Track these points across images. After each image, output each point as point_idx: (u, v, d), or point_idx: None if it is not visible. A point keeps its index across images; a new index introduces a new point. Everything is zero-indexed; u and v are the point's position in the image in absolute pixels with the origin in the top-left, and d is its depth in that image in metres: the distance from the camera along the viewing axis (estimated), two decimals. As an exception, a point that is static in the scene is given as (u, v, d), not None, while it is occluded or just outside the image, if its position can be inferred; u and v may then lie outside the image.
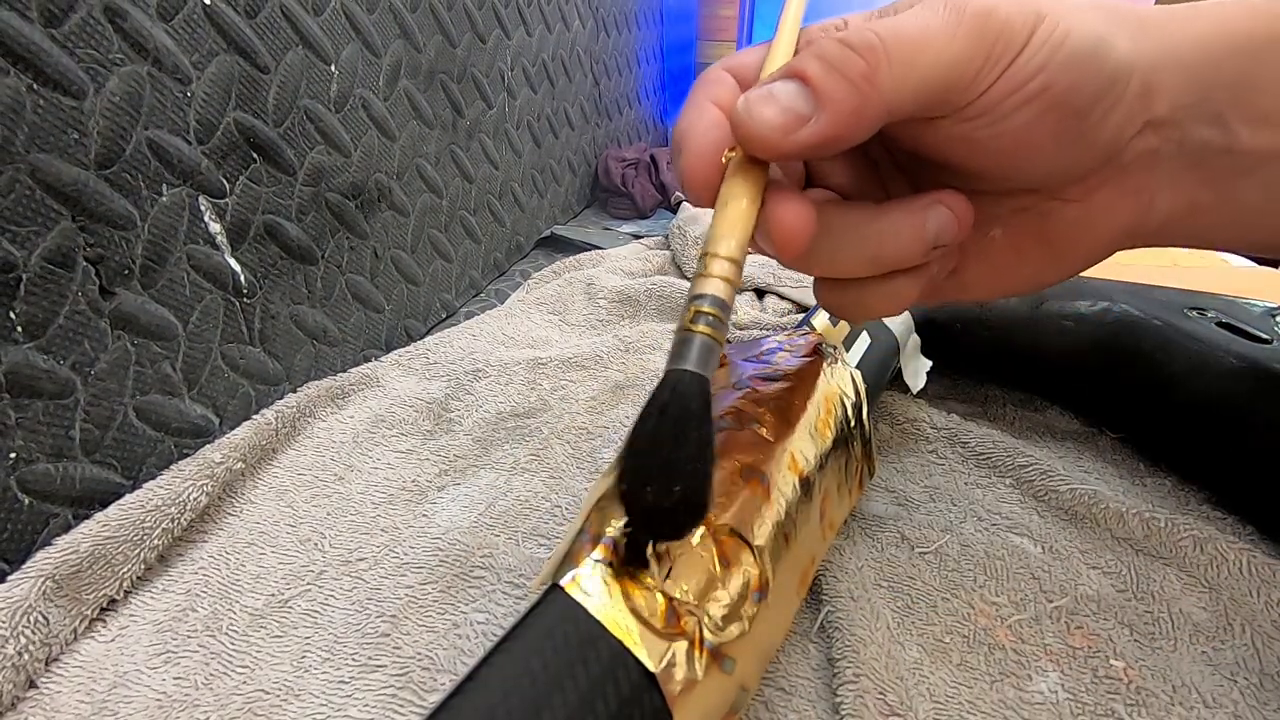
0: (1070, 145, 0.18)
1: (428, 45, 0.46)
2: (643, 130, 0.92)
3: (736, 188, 0.17)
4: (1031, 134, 0.18)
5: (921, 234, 0.19)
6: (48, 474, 0.25)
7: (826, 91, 0.16)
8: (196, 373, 0.31)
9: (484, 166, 0.55)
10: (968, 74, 0.17)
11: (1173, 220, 0.20)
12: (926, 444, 0.33)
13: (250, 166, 0.33)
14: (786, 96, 0.17)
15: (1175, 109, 0.18)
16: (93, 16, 0.26)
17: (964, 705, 0.21)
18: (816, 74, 0.16)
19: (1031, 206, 0.20)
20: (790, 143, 0.17)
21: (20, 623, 0.22)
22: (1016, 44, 0.17)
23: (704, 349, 0.16)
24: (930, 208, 0.19)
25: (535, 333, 0.46)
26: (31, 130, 0.24)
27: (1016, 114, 0.17)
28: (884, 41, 0.16)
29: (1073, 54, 0.17)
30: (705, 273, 0.17)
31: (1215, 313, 0.32)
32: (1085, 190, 0.20)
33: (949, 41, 0.17)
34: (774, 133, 0.17)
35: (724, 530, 0.19)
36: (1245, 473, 0.28)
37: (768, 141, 0.17)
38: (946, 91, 0.17)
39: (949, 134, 0.18)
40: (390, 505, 0.30)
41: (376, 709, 0.22)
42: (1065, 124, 0.18)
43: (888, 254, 0.19)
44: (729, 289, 0.16)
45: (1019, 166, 0.19)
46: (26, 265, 0.24)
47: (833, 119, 0.16)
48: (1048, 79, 0.17)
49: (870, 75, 0.16)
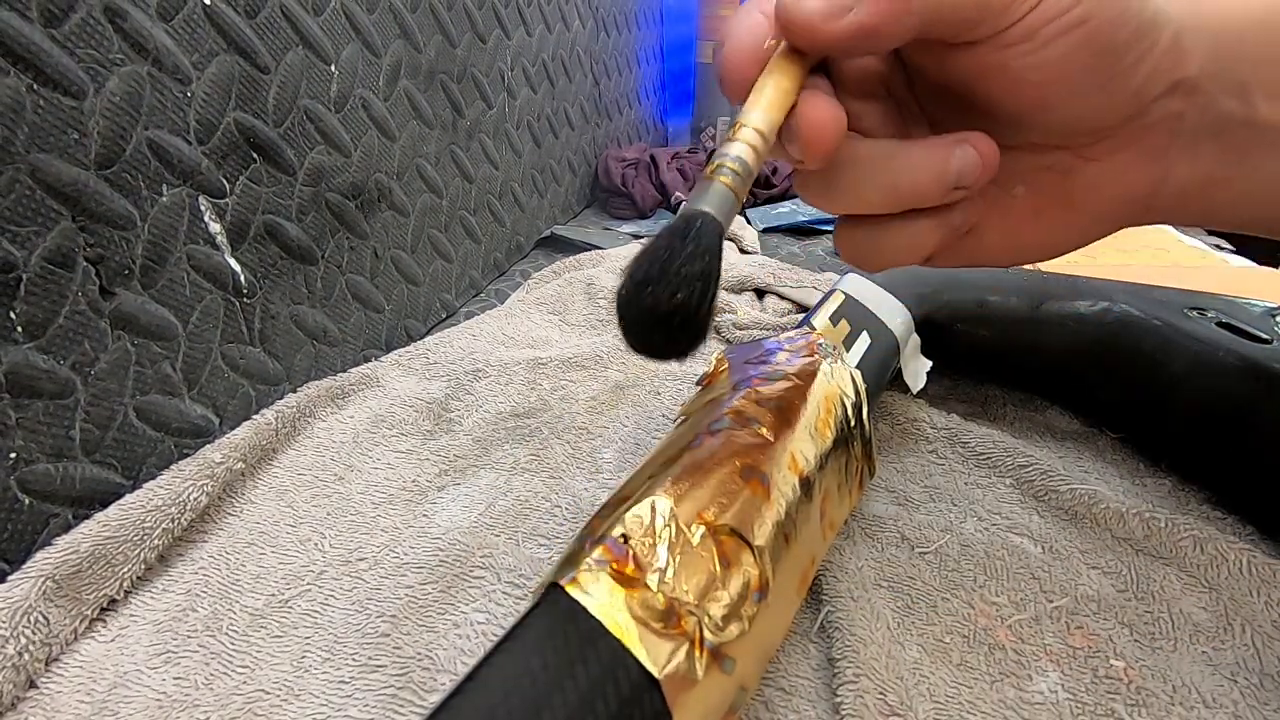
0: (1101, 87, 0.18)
1: (428, 45, 0.46)
2: (643, 130, 0.92)
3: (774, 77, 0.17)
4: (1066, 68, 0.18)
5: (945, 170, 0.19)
6: (48, 474, 0.25)
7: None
8: (196, 373, 0.31)
9: (484, 166, 0.55)
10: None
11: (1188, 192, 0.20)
12: (926, 444, 0.33)
13: (250, 166, 0.33)
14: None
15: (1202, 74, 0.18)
16: (93, 16, 0.26)
17: (964, 705, 0.21)
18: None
19: (1055, 164, 0.21)
20: (830, 29, 0.17)
21: (20, 623, 0.22)
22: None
23: (724, 197, 0.16)
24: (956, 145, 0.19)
25: (535, 333, 0.46)
26: (31, 130, 0.24)
27: (1053, 44, 0.17)
28: None
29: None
30: (734, 136, 0.17)
31: (1215, 313, 0.32)
32: (1109, 149, 0.20)
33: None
34: (815, 16, 0.17)
35: (724, 530, 0.19)
36: (1245, 473, 0.28)
37: (809, 26, 0.17)
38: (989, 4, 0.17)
39: (983, 61, 0.18)
40: (390, 505, 0.30)
41: (376, 709, 0.22)
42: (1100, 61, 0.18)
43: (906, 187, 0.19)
44: (754, 155, 0.17)
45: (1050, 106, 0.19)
46: (26, 265, 0.24)
47: (874, 7, 0.17)
48: (1088, 10, 0.17)
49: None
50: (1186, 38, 0.18)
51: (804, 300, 0.49)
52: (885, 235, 0.21)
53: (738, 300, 0.49)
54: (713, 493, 0.20)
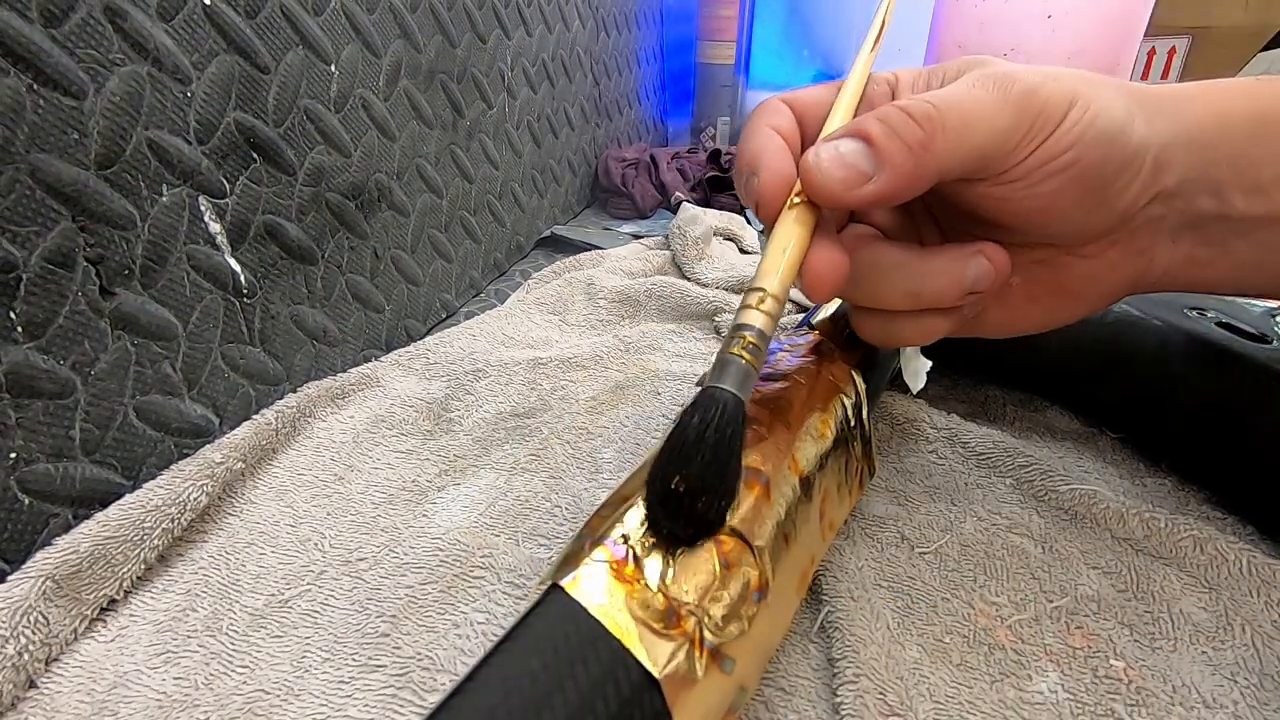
0: (1091, 211, 0.20)
1: (428, 45, 0.46)
2: (643, 130, 0.92)
3: (792, 225, 0.19)
4: (1058, 199, 0.20)
5: (961, 279, 0.21)
6: (48, 474, 0.25)
7: (887, 154, 0.18)
8: (196, 373, 0.31)
9: (484, 166, 0.55)
10: (1009, 144, 0.19)
11: (1171, 272, 0.22)
12: (926, 444, 0.33)
13: (250, 166, 0.33)
14: (851, 154, 0.19)
15: (1182, 182, 0.20)
16: (93, 16, 0.26)
17: (964, 705, 0.21)
18: (880, 137, 0.19)
19: (1048, 260, 0.23)
20: (851, 196, 0.19)
21: (20, 623, 0.22)
22: (1053, 121, 0.19)
23: (743, 374, 0.17)
24: (972, 257, 0.21)
25: (535, 333, 0.46)
26: (31, 130, 0.24)
27: (1047, 181, 0.19)
28: (941, 114, 0.19)
29: (1101, 133, 0.19)
30: (751, 305, 0.18)
31: (1215, 313, 0.32)
32: (1098, 249, 0.22)
33: (996, 115, 0.19)
34: (838, 185, 0.19)
35: (724, 531, 0.19)
36: (1245, 473, 0.28)
37: (832, 193, 0.19)
38: (990, 158, 0.19)
39: (985, 193, 0.20)
40: (390, 505, 0.30)
41: (376, 709, 0.22)
42: (1089, 193, 0.20)
43: (927, 292, 0.21)
44: (770, 324, 0.18)
45: (1044, 225, 0.21)
46: (26, 265, 0.24)
47: (890, 179, 0.19)
48: (1078, 154, 0.19)
49: (927, 143, 0.18)
50: (1166, 153, 0.20)
51: (804, 300, 0.49)
52: (902, 326, 0.23)
53: (738, 300, 0.49)
54: (713, 493, 0.20)
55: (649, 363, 0.41)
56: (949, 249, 0.22)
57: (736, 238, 0.62)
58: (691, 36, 1.01)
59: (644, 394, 0.38)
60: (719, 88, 1.01)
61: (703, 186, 0.75)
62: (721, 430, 0.17)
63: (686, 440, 0.17)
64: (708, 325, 0.47)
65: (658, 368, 0.40)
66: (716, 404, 0.17)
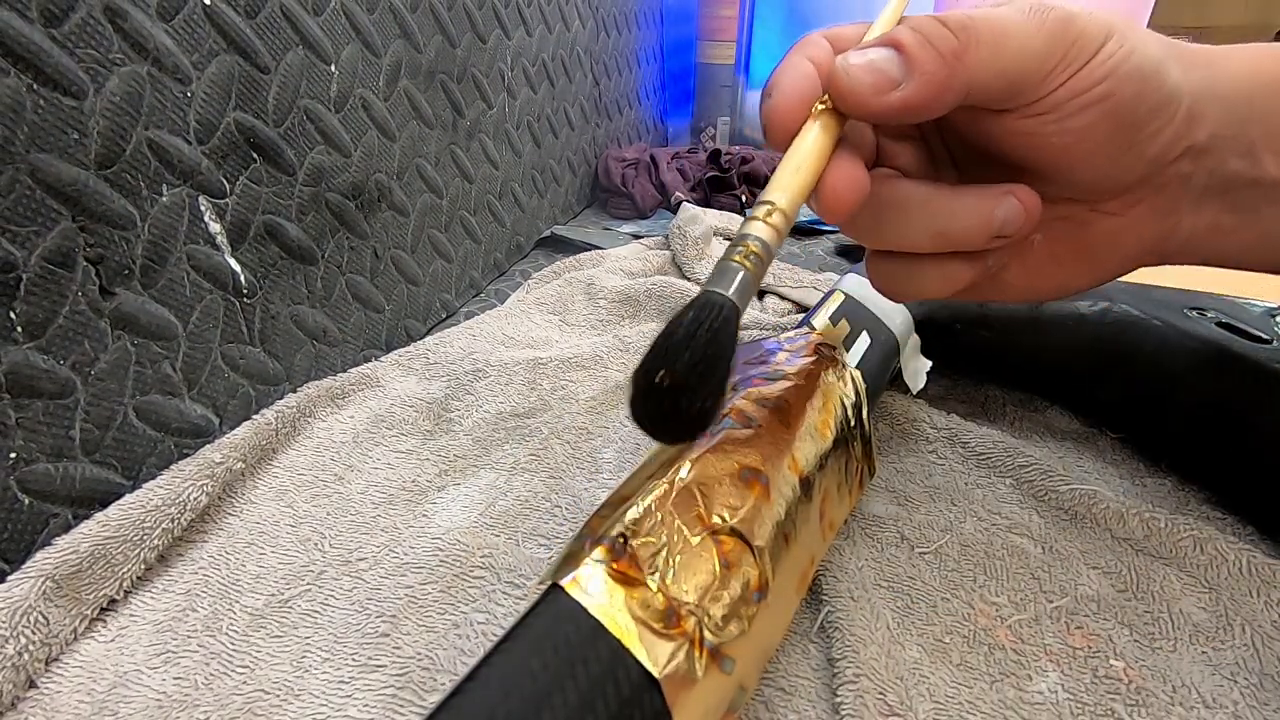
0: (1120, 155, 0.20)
1: (428, 45, 0.46)
2: (643, 130, 0.92)
3: (811, 139, 0.18)
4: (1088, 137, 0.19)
5: (989, 219, 0.20)
6: (48, 474, 0.25)
7: (918, 61, 0.18)
8: (196, 373, 0.31)
9: (484, 166, 0.55)
10: (1044, 69, 0.18)
11: (1196, 240, 0.22)
12: (926, 444, 0.33)
13: (250, 166, 0.33)
14: (882, 60, 0.18)
15: (1213, 138, 0.20)
16: (93, 16, 0.26)
17: (964, 705, 0.21)
18: (911, 44, 0.18)
19: (1072, 216, 0.22)
20: (878, 103, 0.18)
21: (20, 623, 0.22)
22: (1089, 50, 0.18)
23: (743, 280, 0.17)
24: (1002, 197, 0.20)
25: (535, 333, 0.46)
26: (31, 130, 0.24)
27: (1079, 115, 0.19)
28: (975, 24, 0.18)
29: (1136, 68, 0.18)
30: (758, 216, 0.18)
31: (1215, 313, 0.32)
32: (1122, 205, 0.21)
33: (1032, 36, 0.18)
34: (866, 90, 0.18)
35: (724, 530, 0.19)
36: (1245, 473, 0.28)
37: (859, 98, 0.18)
38: (1022, 82, 0.18)
39: (1013, 127, 0.20)
40: (390, 505, 0.30)
41: (376, 709, 0.22)
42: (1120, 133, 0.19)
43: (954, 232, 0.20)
44: (775, 236, 0.17)
45: (1071, 168, 0.20)
46: (26, 265, 0.24)
47: (920, 87, 0.18)
48: (1112, 86, 0.18)
49: (960, 52, 0.18)
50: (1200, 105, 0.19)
51: (804, 300, 0.49)
52: (922, 272, 0.22)
53: (738, 300, 0.49)
54: (713, 493, 0.20)
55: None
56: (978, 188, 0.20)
57: (736, 238, 0.62)
58: (691, 36, 1.01)
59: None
60: (719, 88, 1.01)
61: (703, 186, 0.75)
62: (714, 331, 0.16)
63: (675, 337, 0.16)
64: (708, 325, 0.47)
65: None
66: (711, 306, 0.16)
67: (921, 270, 0.22)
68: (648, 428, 0.17)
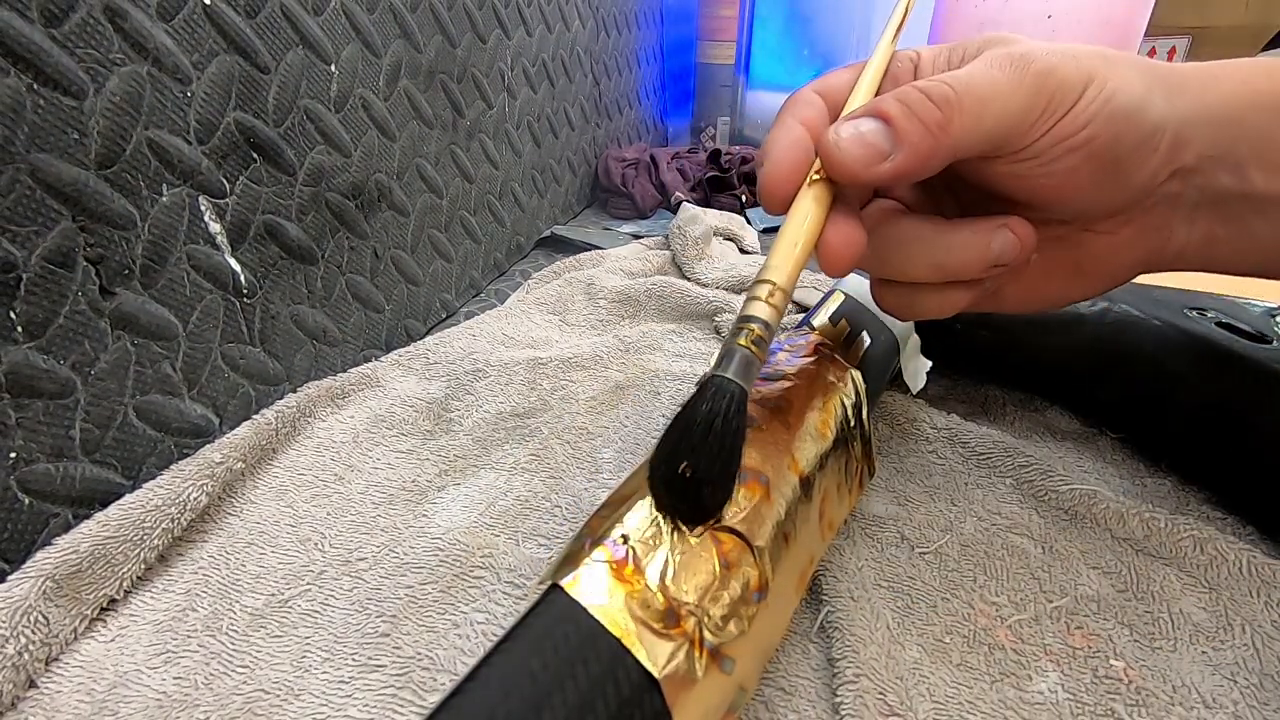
0: (1105, 187, 0.21)
1: (428, 45, 0.46)
2: (643, 130, 0.92)
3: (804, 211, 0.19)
4: (1074, 176, 0.20)
5: (985, 252, 0.21)
6: (48, 474, 0.25)
7: (905, 134, 0.19)
8: (196, 373, 0.31)
9: (484, 166, 0.55)
10: (1025, 123, 0.19)
11: (1190, 249, 0.22)
12: (926, 444, 0.33)
13: (250, 166, 0.33)
14: (871, 134, 0.19)
15: (1201, 159, 0.20)
16: (93, 16, 0.26)
17: (964, 705, 0.21)
18: (898, 117, 0.19)
19: (1065, 237, 0.23)
20: (869, 174, 0.19)
21: (20, 623, 0.22)
22: (1069, 100, 0.19)
23: (746, 363, 0.18)
24: (997, 230, 0.21)
25: (535, 333, 0.46)
26: (31, 130, 0.24)
27: (1063, 159, 0.20)
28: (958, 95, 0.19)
29: (1116, 111, 0.19)
30: (757, 297, 0.19)
31: (1215, 313, 0.32)
32: (1113, 226, 0.22)
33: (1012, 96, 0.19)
34: (857, 164, 0.19)
35: (724, 531, 0.19)
36: (1245, 473, 0.28)
37: (851, 171, 0.19)
38: (1006, 137, 0.19)
39: (1002, 170, 0.21)
40: (390, 505, 0.30)
41: (376, 709, 0.22)
42: (1104, 169, 0.20)
43: (951, 265, 0.22)
44: (776, 315, 0.18)
45: (1060, 201, 0.21)
46: (26, 265, 0.24)
47: (908, 158, 0.19)
48: (1093, 131, 0.19)
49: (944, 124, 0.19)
50: (1186, 131, 0.20)
51: (804, 300, 0.49)
52: (924, 298, 0.23)
53: (738, 300, 0.49)
54: (713, 493, 0.20)
55: (649, 363, 0.41)
56: (974, 222, 0.22)
57: (736, 238, 0.62)
58: (691, 36, 1.01)
59: (644, 394, 0.38)
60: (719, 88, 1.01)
61: (703, 186, 0.75)
62: (728, 420, 0.17)
63: (696, 429, 0.17)
64: (708, 325, 0.47)
65: (658, 368, 0.40)
66: (723, 394, 0.17)
67: (923, 297, 0.23)
68: (670, 512, 0.18)
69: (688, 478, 0.17)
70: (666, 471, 0.17)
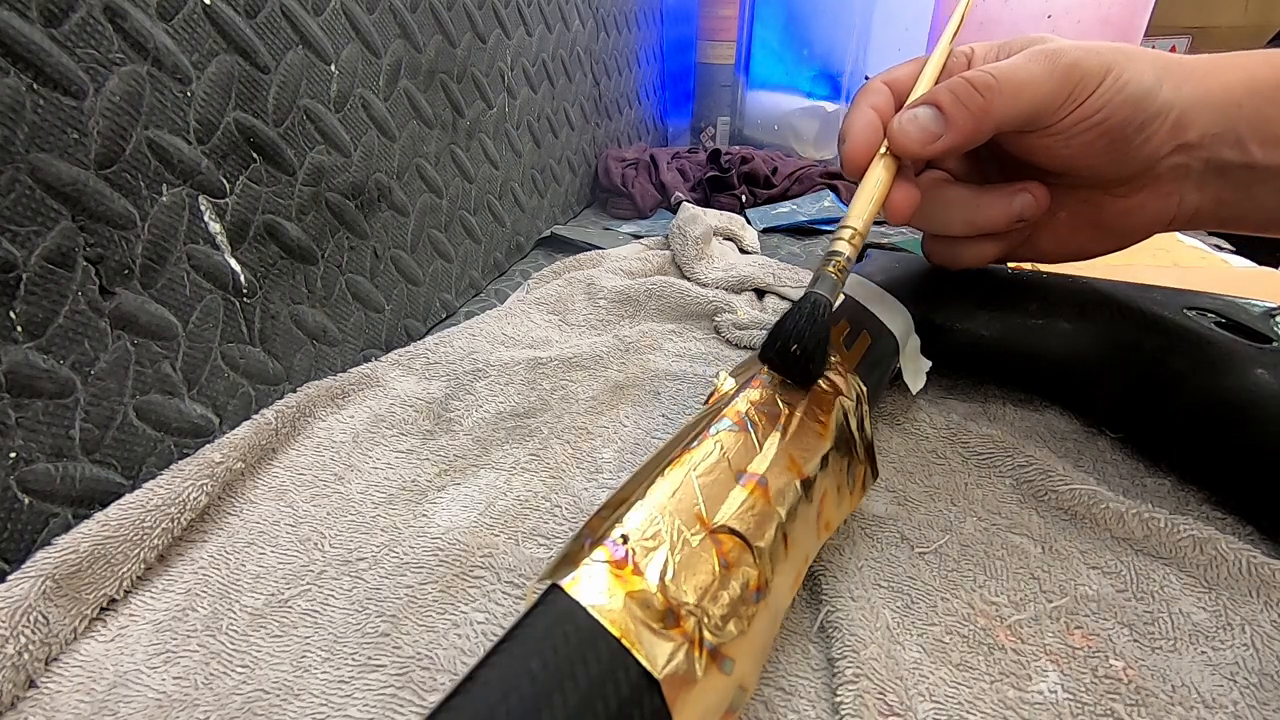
0: (1116, 158, 0.26)
1: (428, 45, 0.46)
2: (643, 130, 0.92)
3: (876, 178, 0.26)
4: (1089, 148, 0.26)
5: (1009, 210, 0.28)
6: (48, 474, 0.25)
7: (953, 118, 0.25)
8: (196, 373, 0.31)
9: (484, 166, 0.55)
10: (1053, 105, 0.25)
11: (1202, 210, 0.27)
12: (926, 444, 0.33)
13: (250, 166, 0.33)
14: (926, 118, 0.25)
15: (1204, 136, 0.25)
16: (93, 16, 0.26)
17: (964, 705, 0.21)
18: (948, 104, 0.25)
19: (1089, 199, 0.29)
20: (925, 151, 0.25)
21: (20, 622, 0.22)
22: (1090, 87, 0.24)
23: (832, 284, 0.24)
24: (1018, 193, 0.28)
25: (535, 333, 0.46)
26: (31, 130, 0.24)
27: (1082, 135, 0.25)
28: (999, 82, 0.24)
29: (1128, 98, 0.24)
30: (841, 238, 0.25)
31: (1215, 313, 0.32)
32: (1129, 190, 0.28)
33: (1044, 83, 0.24)
34: (914, 144, 0.25)
35: (723, 531, 0.19)
36: (1245, 473, 0.28)
37: (910, 150, 0.25)
38: (1036, 116, 0.25)
39: (1032, 143, 0.27)
40: (390, 505, 0.30)
41: (376, 709, 0.22)
42: (1115, 144, 0.25)
43: (981, 221, 0.29)
44: (854, 252, 0.25)
45: (1079, 169, 0.27)
46: (26, 265, 0.24)
47: (955, 137, 0.25)
48: (1107, 113, 0.25)
49: (986, 107, 0.24)
50: (1189, 114, 0.25)
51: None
52: (963, 249, 0.31)
53: (738, 300, 0.49)
54: (713, 494, 0.20)
55: (649, 363, 0.41)
56: (1002, 187, 0.28)
57: (736, 238, 0.62)
58: (691, 36, 1.01)
59: (644, 394, 0.38)
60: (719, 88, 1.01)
61: (703, 186, 0.75)
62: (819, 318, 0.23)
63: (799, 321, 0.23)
64: (708, 325, 0.47)
65: (658, 368, 0.40)
66: (817, 301, 0.24)
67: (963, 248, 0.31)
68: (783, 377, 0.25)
69: (796, 355, 0.23)
70: (781, 349, 0.24)
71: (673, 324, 0.47)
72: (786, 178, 0.76)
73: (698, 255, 0.55)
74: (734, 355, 0.43)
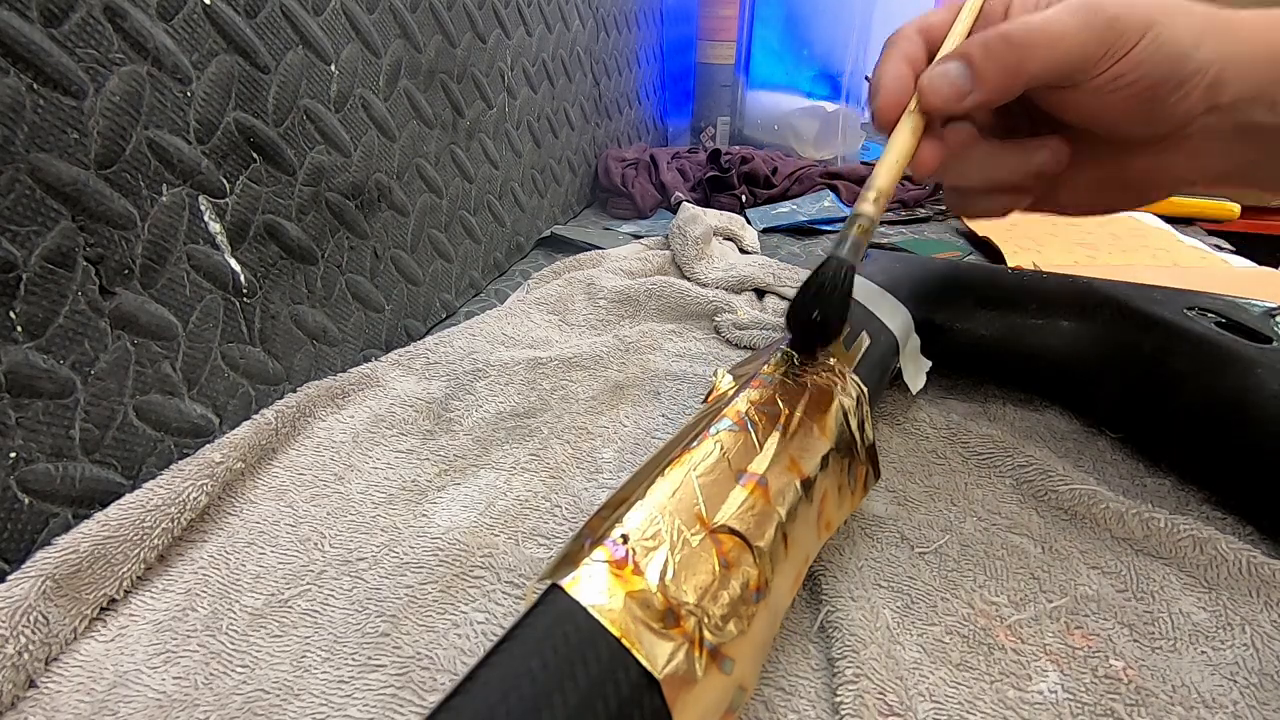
0: (1149, 116, 0.25)
1: (428, 45, 0.46)
2: (643, 130, 0.92)
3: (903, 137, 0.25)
4: (1123, 106, 0.25)
5: (1027, 166, 0.28)
6: (48, 474, 0.25)
7: (983, 73, 0.24)
8: (196, 373, 0.31)
9: (484, 166, 0.55)
10: (1090, 61, 0.24)
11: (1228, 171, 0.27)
12: (926, 444, 0.33)
13: (250, 166, 0.33)
14: (956, 75, 0.25)
15: (1237, 98, 0.25)
16: (93, 16, 0.26)
17: (964, 705, 0.21)
18: (979, 60, 0.24)
19: (1114, 155, 0.28)
20: (954, 108, 0.25)
21: (20, 622, 0.22)
22: (1129, 44, 0.24)
23: (855, 246, 0.24)
24: (1037, 149, 0.28)
25: (535, 333, 0.46)
26: (31, 130, 0.24)
27: (1117, 92, 0.24)
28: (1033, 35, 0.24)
29: (1165, 58, 0.24)
30: (866, 199, 0.25)
31: (1215, 313, 0.32)
32: (1156, 150, 0.27)
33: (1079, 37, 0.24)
34: (944, 101, 0.25)
35: (723, 531, 0.19)
36: (1245, 473, 0.28)
37: (939, 107, 0.25)
38: (1072, 71, 0.24)
39: (1065, 99, 0.26)
40: (390, 505, 0.30)
41: (376, 709, 0.22)
42: (1148, 103, 0.25)
43: (999, 176, 0.29)
44: (878, 211, 0.25)
45: (1110, 125, 0.26)
46: (26, 265, 0.24)
47: (985, 93, 0.24)
48: (1144, 71, 0.24)
49: (1019, 63, 0.24)
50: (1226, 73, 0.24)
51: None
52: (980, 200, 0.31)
53: (738, 300, 0.49)
54: (712, 494, 0.20)
55: (649, 363, 0.41)
56: (1022, 143, 0.28)
57: (736, 238, 0.62)
58: (691, 36, 1.01)
59: (644, 394, 0.38)
60: (719, 88, 1.01)
61: (703, 186, 0.75)
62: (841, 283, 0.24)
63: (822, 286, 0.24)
64: (708, 325, 0.47)
65: (658, 368, 0.40)
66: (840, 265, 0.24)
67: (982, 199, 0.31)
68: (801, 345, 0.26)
69: (818, 321, 0.24)
70: (803, 314, 0.24)
71: (673, 324, 0.47)
72: (786, 178, 0.76)
73: (698, 255, 0.55)
74: (734, 355, 0.43)
